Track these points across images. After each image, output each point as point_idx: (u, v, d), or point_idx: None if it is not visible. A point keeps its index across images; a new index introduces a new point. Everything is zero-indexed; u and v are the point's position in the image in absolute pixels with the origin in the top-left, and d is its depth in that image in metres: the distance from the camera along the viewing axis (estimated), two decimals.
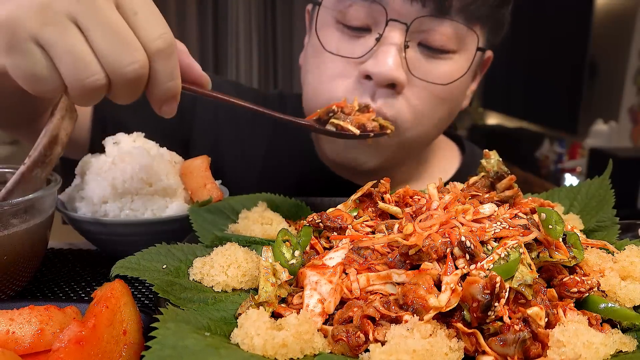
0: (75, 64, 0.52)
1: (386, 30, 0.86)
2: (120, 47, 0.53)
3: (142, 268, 0.58)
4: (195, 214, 0.73)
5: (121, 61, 0.53)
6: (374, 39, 0.88)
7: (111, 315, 0.47)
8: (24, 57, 0.52)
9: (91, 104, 0.58)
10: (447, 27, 0.86)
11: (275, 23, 4.88)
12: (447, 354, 0.44)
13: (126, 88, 0.56)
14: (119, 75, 0.54)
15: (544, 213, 0.55)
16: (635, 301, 0.52)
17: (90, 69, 0.53)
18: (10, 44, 0.51)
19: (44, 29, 0.51)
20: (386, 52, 0.85)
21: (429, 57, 0.89)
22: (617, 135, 4.16)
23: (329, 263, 0.57)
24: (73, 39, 0.52)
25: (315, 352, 0.47)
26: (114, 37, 0.53)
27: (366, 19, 0.88)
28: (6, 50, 0.52)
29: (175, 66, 0.58)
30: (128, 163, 0.75)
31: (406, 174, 1.11)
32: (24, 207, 0.64)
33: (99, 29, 0.52)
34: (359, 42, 0.90)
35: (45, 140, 0.60)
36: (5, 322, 0.49)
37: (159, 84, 0.58)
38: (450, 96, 0.93)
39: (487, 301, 0.46)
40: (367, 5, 0.87)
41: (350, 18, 0.89)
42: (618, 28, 4.09)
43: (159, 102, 0.60)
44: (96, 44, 0.53)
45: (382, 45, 0.86)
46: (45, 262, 0.82)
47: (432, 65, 0.89)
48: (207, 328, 0.48)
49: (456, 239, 0.53)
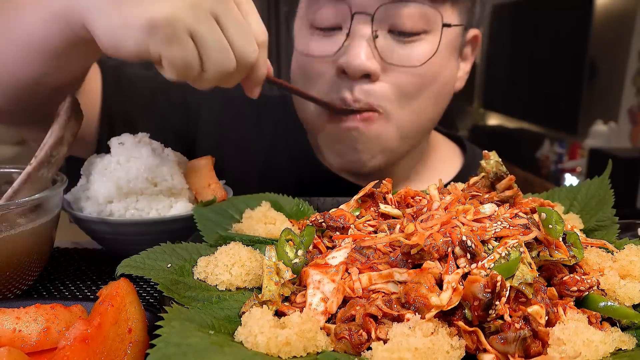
0: (220, 54, 0.64)
1: (353, 24, 0.89)
2: (246, 39, 0.66)
3: (147, 267, 0.58)
4: (199, 213, 0.73)
5: (247, 50, 0.67)
6: (344, 35, 0.91)
7: (116, 313, 0.48)
8: (182, 47, 0.61)
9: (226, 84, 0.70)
10: (412, 9, 0.89)
11: (279, 20, 4.91)
12: (449, 352, 0.44)
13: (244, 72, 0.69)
14: (244, 61, 0.67)
15: (544, 213, 0.56)
16: (634, 300, 0.52)
17: (230, 57, 0.65)
18: (171, 37, 0.60)
19: (198, 24, 0.61)
20: (356, 46, 0.89)
21: (400, 42, 0.91)
22: (616, 135, 4.16)
23: (331, 262, 0.57)
24: (218, 33, 0.63)
25: (318, 350, 0.47)
26: (243, 31, 0.66)
27: (335, 18, 0.92)
28: (166, 42, 0.61)
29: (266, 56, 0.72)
30: (133, 163, 0.76)
31: (407, 175, 1.12)
32: (31, 206, 0.65)
33: (233, 24, 0.65)
34: (331, 40, 0.93)
35: (51, 141, 0.61)
36: (12, 321, 0.49)
37: (259, 69, 0.71)
38: (433, 76, 0.94)
39: (488, 300, 0.46)
40: (333, 5, 0.91)
41: (321, 20, 0.93)
42: (617, 29, 4.08)
43: (255, 84, 0.73)
44: (231, 36, 0.65)
45: (352, 40, 0.90)
46: (52, 261, 0.82)
47: (406, 49, 0.91)
48: (211, 326, 0.48)
49: (457, 238, 0.53)
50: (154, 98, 1.08)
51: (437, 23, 0.91)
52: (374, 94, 0.92)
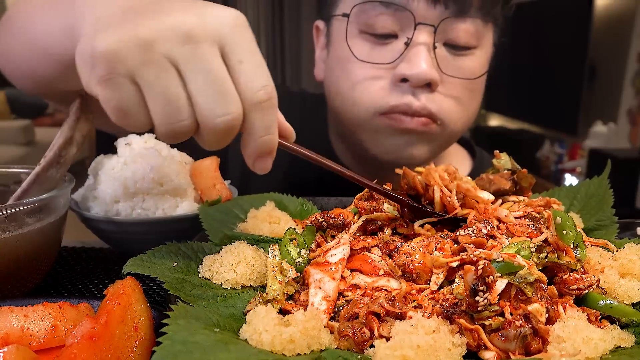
0: (166, 108, 0.50)
1: (415, 34, 0.90)
2: (216, 97, 0.50)
3: (153, 266, 0.58)
4: (205, 213, 0.74)
5: (214, 111, 0.51)
6: (402, 44, 0.92)
7: (123, 311, 0.48)
8: (117, 91, 0.50)
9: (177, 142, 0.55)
10: (469, 25, 0.92)
11: (283, 25, 4.93)
12: (450, 349, 0.45)
13: (214, 137, 0.53)
14: (209, 124, 0.52)
15: (560, 217, 0.56)
16: (633, 298, 0.53)
17: (180, 114, 0.51)
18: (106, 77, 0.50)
19: (142, 68, 0.49)
20: (418, 55, 0.90)
21: (454, 55, 0.94)
22: (615, 136, 4.16)
23: (331, 260, 0.57)
24: (169, 82, 0.50)
25: (322, 347, 0.47)
26: (212, 86, 0.50)
27: (393, 25, 0.92)
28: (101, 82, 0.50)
29: (274, 121, 0.55)
30: (139, 163, 0.76)
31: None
32: (39, 206, 0.65)
33: (198, 76, 0.50)
34: (387, 48, 0.93)
35: (60, 141, 0.61)
36: (20, 319, 0.50)
37: (255, 137, 0.54)
38: (480, 88, 1.00)
39: (474, 284, 0.47)
40: (393, 13, 0.91)
41: (377, 27, 0.93)
42: (617, 32, 4.09)
43: (253, 155, 0.56)
44: (192, 90, 0.50)
45: (412, 48, 0.91)
46: (59, 260, 0.83)
47: (459, 61, 0.95)
48: (216, 324, 0.48)
49: None
50: None
51: (486, 39, 0.97)
52: (436, 102, 0.93)
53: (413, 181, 0.64)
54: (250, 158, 0.57)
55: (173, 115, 0.51)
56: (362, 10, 0.93)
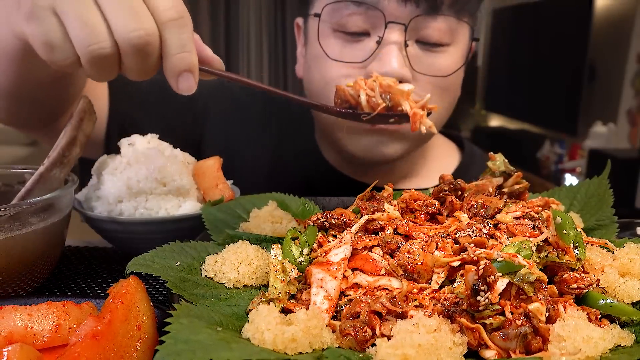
0: (83, 31, 0.54)
1: (386, 33, 0.90)
2: (128, 14, 0.55)
3: (156, 265, 0.59)
4: (207, 212, 0.74)
5: (127, 27, 0.55)
6: (374, 42, 0.92)
7: (126, 310, 0.48)
8: (41, 24, 0.54)
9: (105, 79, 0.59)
10: (441, 22, 0.92)
11: (285, 26, 4.94)
12: (451, 348, 0.45)
13: (134, 57, 0.57)
14: (125, 42, 0.55)
15: (560, 217, 0.56)
16: (633, 297, 0.53)
17: (97, 35, 0.55)
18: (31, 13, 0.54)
19: None
20: (389, 53, 0.90)
21: (427, 52, 0.94)
22: (615, 136, 4.17)
23: (333, 259, 0.58)
24: (84, 7, 0.54)
25: (324, 346, 0.47)
26: (123, 6, 0.55)
27: (364, 24, 0.92)
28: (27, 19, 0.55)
29: (189, 38, 0.58)
30: (143, 163, 0.76)
31: (407, 171, 1.13)
32: (42, 206, 0.65)
33: None
34: (359, 46, 0.94)
35: (64, 142, 0.62)
36: (24, 318, 0.50)
37: (171, 54, 0.58)
38: (452, 86, 0.99)
39: (475, 283, 0.47)
40: (364, 12, 0.91)
41: (350, 25, 0.93)
42: (617, 33, 4.09)
43: (173, 74, 0.59)
44: (107, 12, 0.55)
45: (383, 47, 0.91)
46: (63, 260, 0.83)
47: (431, 59, 0.94)
48: (219, 323, 0.49)
49: None
50: (161, 99, 1.09)
51: (460, 35, 0.96)
52: None
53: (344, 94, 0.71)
54: (171, 78, 0.59)
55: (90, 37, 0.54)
56: (334, 9, 0.94)
